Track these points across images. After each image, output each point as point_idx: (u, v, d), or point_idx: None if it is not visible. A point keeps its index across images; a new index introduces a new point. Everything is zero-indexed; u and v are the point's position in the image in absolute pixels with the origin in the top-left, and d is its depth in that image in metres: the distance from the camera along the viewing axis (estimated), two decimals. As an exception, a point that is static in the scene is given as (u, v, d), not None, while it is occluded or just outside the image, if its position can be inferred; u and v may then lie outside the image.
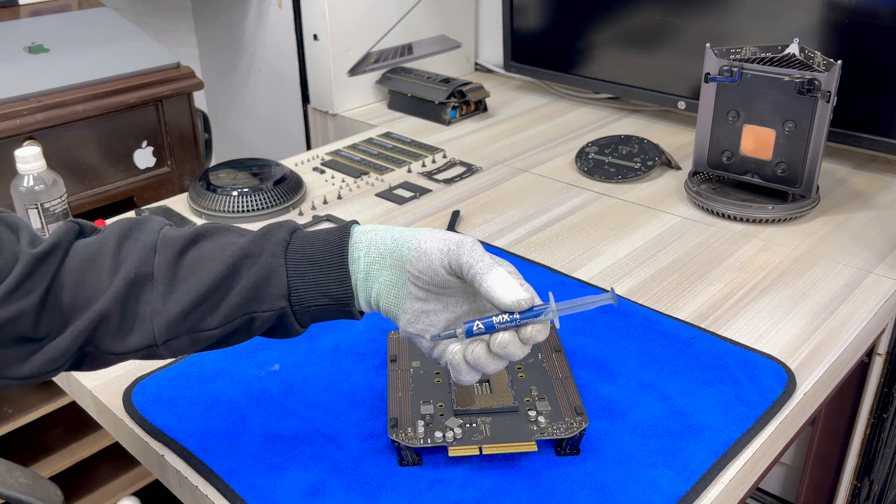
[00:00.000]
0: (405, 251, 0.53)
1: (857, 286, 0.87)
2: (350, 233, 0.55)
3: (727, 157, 1.05)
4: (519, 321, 0.52)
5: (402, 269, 0.54)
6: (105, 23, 1.32)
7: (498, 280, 0.52)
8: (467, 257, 0.52)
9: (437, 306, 0.55)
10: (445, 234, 0.54)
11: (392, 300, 0.55)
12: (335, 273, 0.53)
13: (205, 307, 0.52)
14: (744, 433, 0.65)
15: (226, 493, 0.60)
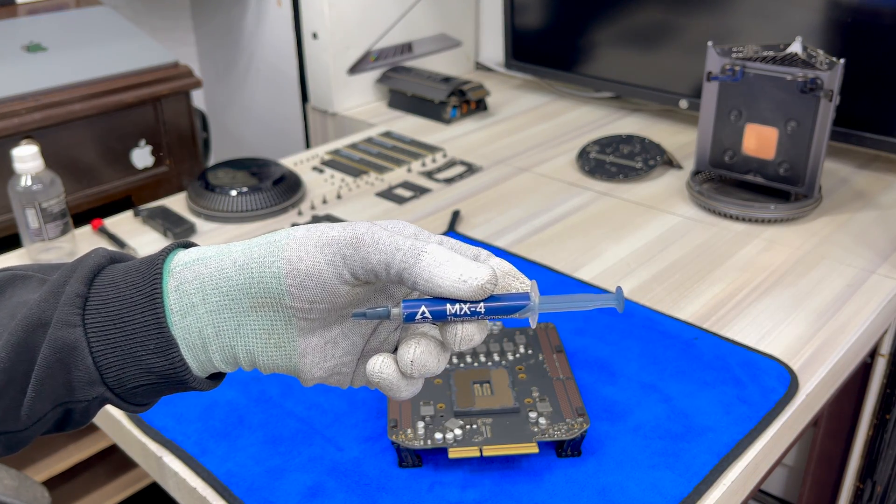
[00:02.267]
0: (272, 282, 0.37)
1: (859, 286, 0.86)
2: (163, 272, 0.38)
3: (729, 156, 1.04)
4: (483, 315, 0.38)
5: (276, 308, 0.38)
6: (103, 21, 1.32)
7: (438, 266, 0.36)
8: (378, 256, 0.36)
9: (341, 328, 0.40)
10: (323, 235, 0.37)
11: (275, 353, 0.39)
12: (152, 341, 0.37)
13: (2, 407, 0.37)
14: (746, 434, 0.65)
15: (224, 495, 0.60)
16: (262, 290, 0.37)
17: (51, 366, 0.36)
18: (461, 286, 0.36)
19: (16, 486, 0.45)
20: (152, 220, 1.01)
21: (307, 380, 0.40)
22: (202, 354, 0.38)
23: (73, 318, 0.36)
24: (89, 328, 0.36)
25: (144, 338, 0.37)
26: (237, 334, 0.38)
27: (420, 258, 0.36)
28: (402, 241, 0.37)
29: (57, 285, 0.37)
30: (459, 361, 0.70)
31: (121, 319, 0.36)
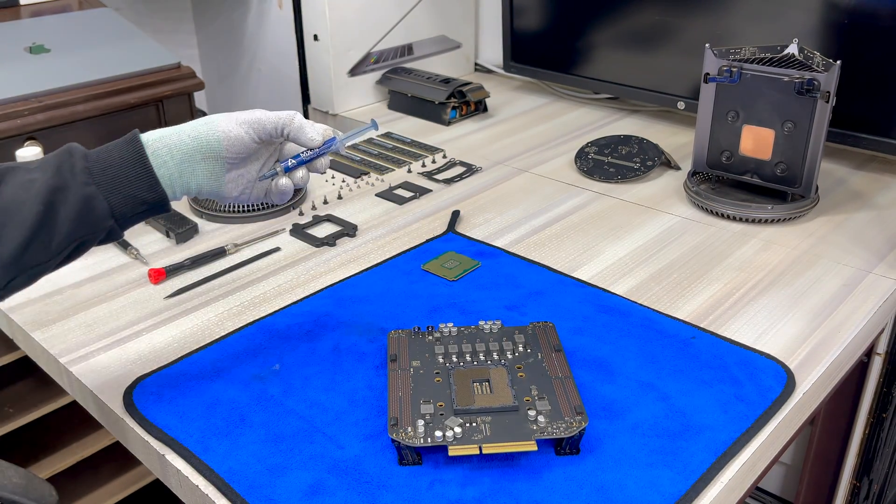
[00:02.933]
0: (214, 143, 0.63)
1: (856, 286, 0.87)
2: (144, 144, 0.61)
3: (726, 157, 1.05)
4: (320, 151, 0.68)
5: (217, 159, 0.64)
6: (105, 23, 1.33)
7: (305, 125, 0.66)
8: (271, 125, 0.65)
9: (246, 166, 0.67)
10: (239, 117, 0.65)
11: (214, 185, 0.65)
12: (145, 183, 0.60)
13: (34, 247, 0.56)
14: (743, 433, 0.65)
15: (226, 493, 0.60)
16: (210, 150, 0.63)
17: (78, 210, 0.57)
18: (316, 135, 0.67)
19: (24, 485, 0.46)
20: (154, 220, 1.02)
21: (226, 198, 0.66)
22: (170, 190, 0.62)
23: (87, 180, 0.58)
24: (99, 185, 0.59)
25: (139, 184, 0.60)
26: (192, 176, 0.63)
27: (293, 122, 0.66)
28: (279, 114, 0.66)
29: (57, 166, 0.58)
30: (459, 360, 0.70)
31: (121, 175, 0.60)
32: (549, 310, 0.82)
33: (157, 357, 0.77)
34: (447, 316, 0.82)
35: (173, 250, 0.97)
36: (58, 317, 0.84)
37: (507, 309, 0.83)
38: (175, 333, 0.80)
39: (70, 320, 0.83)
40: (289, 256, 0.95)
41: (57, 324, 0.82)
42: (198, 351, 0.77)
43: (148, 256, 0.95)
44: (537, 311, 0.82)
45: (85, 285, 0.89)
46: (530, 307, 0.83)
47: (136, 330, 0.81)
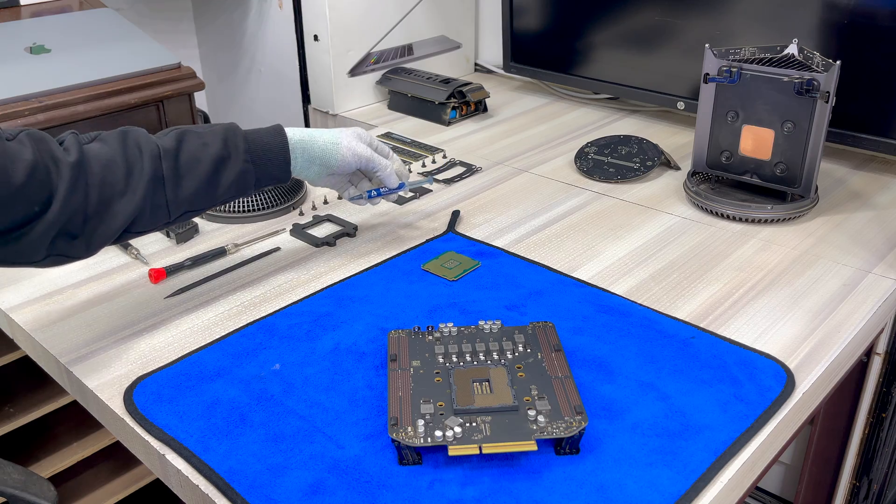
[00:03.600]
0: (332, 160, 0.87)
1: (855, 286, 0.87)
2: (286, 139, 0.83)
3: (726, 157, 1.05)
4: (392, 190, 0.94)
5: (327, 167, 0.87)
6: (106, 23, 1.33)
7: (392, 172, 0.92)
8: (374, 165, 0.90)
9: (341, 176, 0.92)
10: (356, 148, 0.88)
11: (315, 181, 0.89)
12: (282, 168, 0.83)
13: (204, 196, 0.77)
14: (743, 432, 0.65)
15: (226, 493, 0.61)
16: (326, 162, 0.87)
17: (237, 178, 0.79)
18: (395, 182, 0.93)
19: (23, 481, 0.46)
20: (155, 220, 1.01)
21: (317, 185, 0.92)
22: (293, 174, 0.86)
23: (246, 157, 0.80)
24: (254, 164, 0.80)
25: (279, 167, 0.83)
26: (307, 171, 0.86)
27: (387, 167, 0.91)
28: (383, 161, 0.91)
29: (224, 140, 0.78)
30: (459, 360, 0.70)
31: (269, 158, 0.82)
32: (549, 310, 0.83)
33: (158, 357, 0.77)
34: (447, 316, 0.82)
35: (173, 250, 0.97)
36: (58, 317, 0.84)
37: (507, 309, 0.83)
38: (175, 333, 0.80)
39: (70, 320, 0.83)
40: (289, 256, 0.96)
41: (57, 324, 0.82)
42: (198, 351, 0.77)
43: (148, 256, 0.95)
44: (537, 311, 0.82)
45: (85, 285, 0.89)
46: (530, 307, 0.83)
47: (136, 330, 0.81)
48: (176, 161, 0.74)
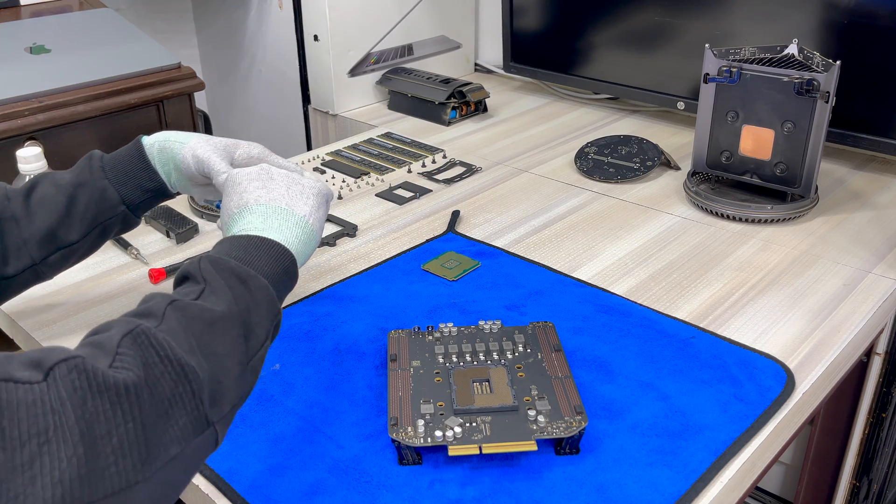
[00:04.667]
0: (178, 159, 0.72)
1: (855, 286, 0.87)
2: (144, 144, 0.73)
3: (726, 157, 1.05)
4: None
5: (178, 169, 0.73)
6: (106, 23, 1.33)
7: (222, 182, 0.70)
8: (209, 169, 0.70)
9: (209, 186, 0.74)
10: (198, 148, 0.71)
11: (187, 187, 0.74)
12: (145, 174, 0.72)
13: (62, 229, 0.69)
14: (743, 432, 0.65)
15: (226, 493, 0.61)
16: (178, 164, 0.72)
17: (95, 198, 0.70)
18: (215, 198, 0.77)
19: None
20: (155, 220, 1.02)
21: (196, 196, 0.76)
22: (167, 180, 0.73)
23: (101, 175, 0.70)
24: (110, 179, 0.71)
25: (141, 175, 0.72)
26: (173, 177, 0.73)
27: (216, 174, 0.70)
28: (222, 165, 0.70)
29: (81, 168, 0.71)
30: (459, 360, 0.70)
31: (126, 169, 0.71)
32: (549, 310, 0.83)
33: (158, 357, 0.77)
34: (447, 316, 0.82)
35: (174, 250, 0.97)
36: (59, 317, 0.84)
37: (507, 309, 0.83)
38: (175, 333, 0.80)
39: (71, 320, 0.83)
40: (289, 256, 0.95)
41: (58, 324, 0.82)
42: (198, 351, 0.77)
43: (148, 256, 0.95)
44: (537, 311, 0.82)
45: (85, 285, 0.89)
46: (530, 307, 0.83)
47: (136, 330, 0.81)
48: (27, 199, 0.69)
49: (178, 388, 0.42)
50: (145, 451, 0.39)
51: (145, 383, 0.40)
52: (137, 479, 0.38)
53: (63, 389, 0.36)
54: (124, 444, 0.37)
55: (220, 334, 0.48)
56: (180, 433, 0.42)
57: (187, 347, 0.45)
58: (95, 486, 0.35)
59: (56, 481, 0.33)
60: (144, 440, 0.39)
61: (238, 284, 0.53)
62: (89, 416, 0.36)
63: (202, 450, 0.45)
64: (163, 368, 0.42)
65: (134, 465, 0.37)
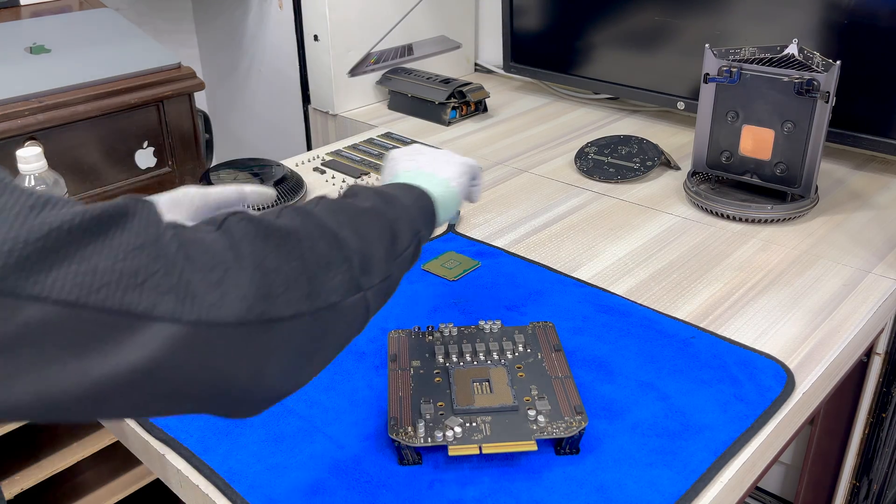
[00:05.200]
0: None
1: (855, 286, 0.87)
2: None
3: (726, 157, 1.05)
4: None
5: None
6: (106, 23, 1.33)
7: None
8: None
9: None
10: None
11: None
12: None
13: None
14: (743, 432, 0.65)
15: (227, 493, 0.61)
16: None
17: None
18: None
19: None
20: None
21: None
22: None
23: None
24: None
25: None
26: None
27: None
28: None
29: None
30: (459, 360, 0.70)
31: None
32: (549, 310, 0.83)
33: (158, 357, 0.77)
34: (447, 316, 0.82)
35: (173, 250, 0.97)
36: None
37: (507, 309, 0.83)
38: (175, 333, 0.80)
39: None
40: (289, 256, 0.95)
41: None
42: (198, 351, 0.77)
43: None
44: (537, 311, 0.82)
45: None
46: (530, 307, 0.83)
47: (136, 330, 0.81)
48: None
49: (332, 252, 0.47)
50: (308, 288, 0.44)
51: (305, 236, 0.46)
52: (303, 310, 0.43)
53: (236, 234, 0.43)
54: (290, 278, 0.43)
55: (367, 222, 0.52)
56: (337, 287, 0.46)
57: (338, 224, 0.49)
58: (270, 306, 0.41)
59: (241, 297, 0.40)
60: (306, 279, 0.44)
61: (381, 201, 0.56)
62: (259, 252, 0.42)
63: (356, 314, 0.49)
64: (319, 233, 0.47)
65: (300, 297, 0.43)
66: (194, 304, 0.38)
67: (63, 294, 0.35)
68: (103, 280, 0.36)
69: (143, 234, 0.38)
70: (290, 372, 0.45)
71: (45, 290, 0.34)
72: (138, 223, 0.38)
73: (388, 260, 0.52)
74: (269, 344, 0.42)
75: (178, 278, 0.38)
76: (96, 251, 0.36)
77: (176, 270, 0.38)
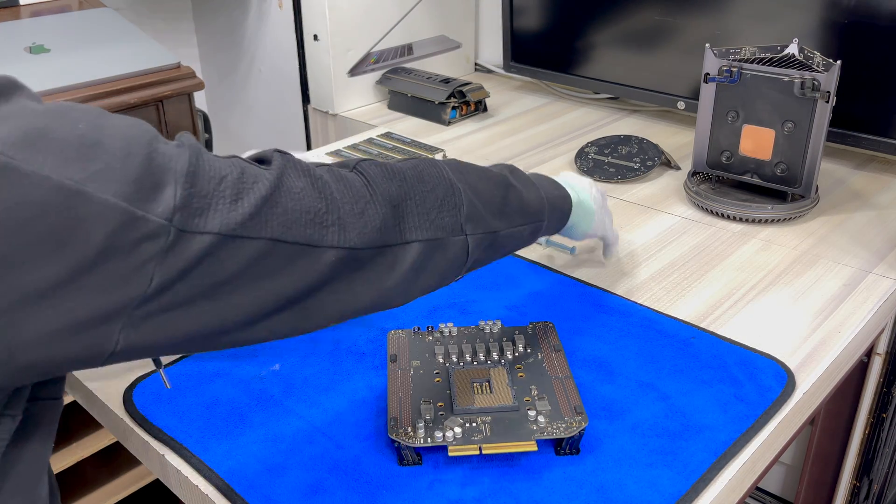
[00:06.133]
0: None
1: (856, 286, 0.87)
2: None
3: (726, 157, 1.05)
4: None
5: None
6: (105, 23, 1.33)
7: None
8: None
9: None
10: None
11: None
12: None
13: None
14: (743, 433, 0.65)
15: (226, 493, 0.60)
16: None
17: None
18: None
19: None
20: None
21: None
22: None
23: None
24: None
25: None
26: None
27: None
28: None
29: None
30: (459, 360, 0.70)
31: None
32: (549, 310, 0.82)
33: (157, 357, 0.77)
34: (447, 316, 0.82)
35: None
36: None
37: (507, 309, 0.83)
38: (175, 333, 0.80)
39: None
40: (289, 256, 0.95)
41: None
42: (198, 351, 0.77)
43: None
44: (537, 311, 0.82)
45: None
46: (530, 307, 0.83)
47: (135, 330, 0.81)
48: None
49: (447, 197, 0.56)
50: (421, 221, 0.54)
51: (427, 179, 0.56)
52: (409, 239, 0.53)
53: (368, 173, 0.52)
54: (410, 212, 0.53)
55: (484, 181, 0.61)
56: (444, 224, 0.55)
57: (458, 177, 0.58)
58: (395, 234, 0.52)
59: (376, 228, 0.50)
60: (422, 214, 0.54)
61: (516, 178, 0.65)
62: (387, 190, 0.52)
63: (455, 253, 0.57)
64: (438, 180, 0.56)
65: (415, 227, 0.53)
66: (347, 233, 0.48)
67: (275, 233, 0.44)
68: (291, 219, 0.45)
69: (304, 177, 0.48)
70: (401, 287, 0.53)
71: (264, 231, 0.44)
72: (294, 171, 0.48)
73: (495, 217, 0.60)
74: (392, 262, 0.52)
75: (337, 214, 0.48)
76: (283, 197, 0.46)
77: (335, 207, 0.48)
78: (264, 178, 0.45)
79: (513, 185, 0.64)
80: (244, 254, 0.43)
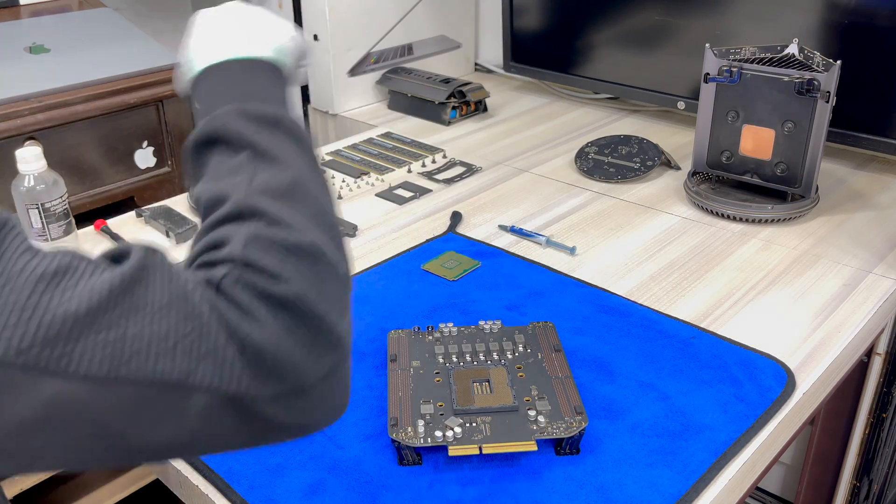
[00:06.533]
0: None
1: (856, 286, 0.87)
2: None
3: (726, 157, 1.05)
4: None
5: None
6: (105, 23, 1.33)
7: None
8: None
9: None
10: None
11: None
12: None
13: None
14: (743, 433, 0.65)
15: (226, 493, 0.60)
16: None
17: None
18: None
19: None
20: (155, 220, 1.02)
21: None
22: None
23: None
24: None
25: None
26: None
27: None
28: None
29: None
30: (459, 360, 0.70)
31: None
32: (549, 310, 0.82)
33: (157, 357, 0.76)
34: (447, 316, 0.82)
35: (173, 250, 0.97)
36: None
37: (507, 309, 0.83)
38: (175, 333, 0.80)
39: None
40: (289, 256, 0.95)
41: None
42: (198, 351, 0.77)
43: (148, 256, 0.95)
44: (537, 311, 0.82)
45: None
46: (530, 307, 0.83)
47: (135, 330, 0.81)
48: None
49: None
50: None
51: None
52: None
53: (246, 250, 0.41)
54: None
55: (301, 198, 0.46)
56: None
57: (304, 226, 0.44)
58: None
59: None
60: None
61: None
62: None
63: None
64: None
65: None
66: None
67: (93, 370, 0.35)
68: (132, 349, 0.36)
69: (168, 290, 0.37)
70: None
71: (72, 365, 0.34)
72: (160, 279, 0.38)
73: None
74: None
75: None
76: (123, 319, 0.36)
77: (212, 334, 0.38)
78: None
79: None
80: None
